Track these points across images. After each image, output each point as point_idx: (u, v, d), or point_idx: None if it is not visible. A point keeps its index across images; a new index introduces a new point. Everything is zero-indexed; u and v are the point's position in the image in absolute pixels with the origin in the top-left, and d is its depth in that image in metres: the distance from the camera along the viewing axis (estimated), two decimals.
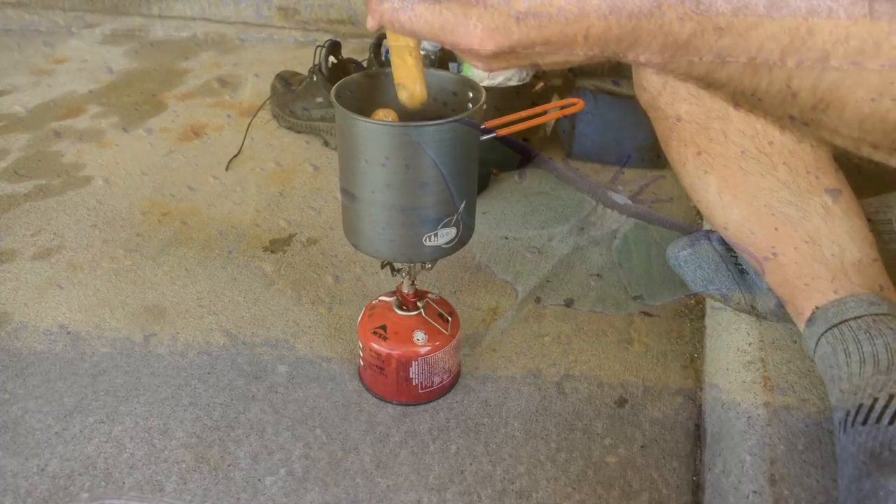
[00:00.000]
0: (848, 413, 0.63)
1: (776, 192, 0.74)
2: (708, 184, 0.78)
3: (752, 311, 0.84)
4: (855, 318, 0.67)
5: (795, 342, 0.80)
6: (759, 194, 0.75)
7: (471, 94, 0.81)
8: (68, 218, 1.33)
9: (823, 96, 0.40)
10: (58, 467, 0.85)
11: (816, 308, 0.71)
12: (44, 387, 0.96)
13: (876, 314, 0.67)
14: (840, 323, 0.68)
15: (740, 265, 0.83)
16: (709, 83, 0.41)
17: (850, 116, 0.39)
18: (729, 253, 0.85)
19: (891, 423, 0.59)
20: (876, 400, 0.61)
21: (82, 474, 0.84)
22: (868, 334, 0.66)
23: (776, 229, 0.73)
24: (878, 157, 0.41)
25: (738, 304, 0.84)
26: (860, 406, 0.62)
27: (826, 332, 0.69)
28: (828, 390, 0.69)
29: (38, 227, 1.30)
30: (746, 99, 0.42)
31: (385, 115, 0.78)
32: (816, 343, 0.70)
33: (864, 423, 0.61)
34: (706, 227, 1.19)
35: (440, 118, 0.73)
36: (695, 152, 0.79)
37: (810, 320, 0.71)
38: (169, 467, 0.85)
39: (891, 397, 0.61)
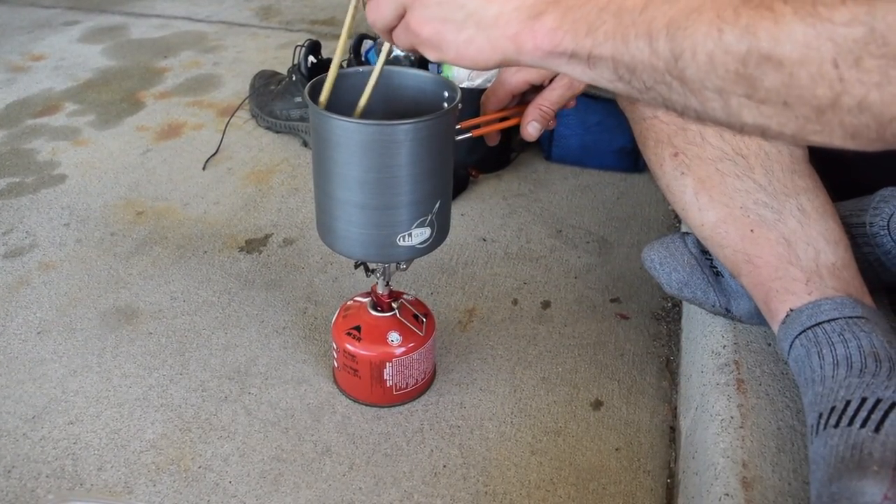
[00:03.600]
0: (821, 415, 0.63)
1: (752, 194, 0.74)
2: (684, 185, 0.78)
3: (727, 314, 0.84)
4: (829, 321, 0.67)
5: (769, 345, 0.80)
6: (735, 196, 0.74)
7: (446, 94, 0.81)
8: (41, 216, 1.31)
9: (675, 42, 0.42)
10: (24, 469, 0.84)
11: (791, 310, 0.71)
12: (12, 387, 0.95)
13: (850, 317, 0.67)
14: (814, 325, 0.68)
15: (715, 268, 0.83)
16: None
17: (702, 59, 0.41)
18: (704, 256, 0.84)
19: (862, 426, 0.59)
20: (848, 403, 0.61)
21: (49, 476, 0.83)
22: (842, 337, 0.66)
23: (752, 231, 0.73)
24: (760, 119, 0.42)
25: (713, 307, 0.84)
26: (833, 408, 0.62)
27: (800, 334, 0.69)
28: (801, 392, 0.69)
29: (10, 225, 1.28)
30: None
31: None
32: (790, 345, 0.70)
33: (836, 425, 0.61)
34: (684, 229, 1.19)
35: (415, 117, 0.72)
36: (672, 153, 0.79)
37: (784, 322, 0.71)
38: (138, 469, 0.84)
39: (863, 400, 0.61)
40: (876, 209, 0.77)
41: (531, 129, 0.80)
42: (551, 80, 0.82)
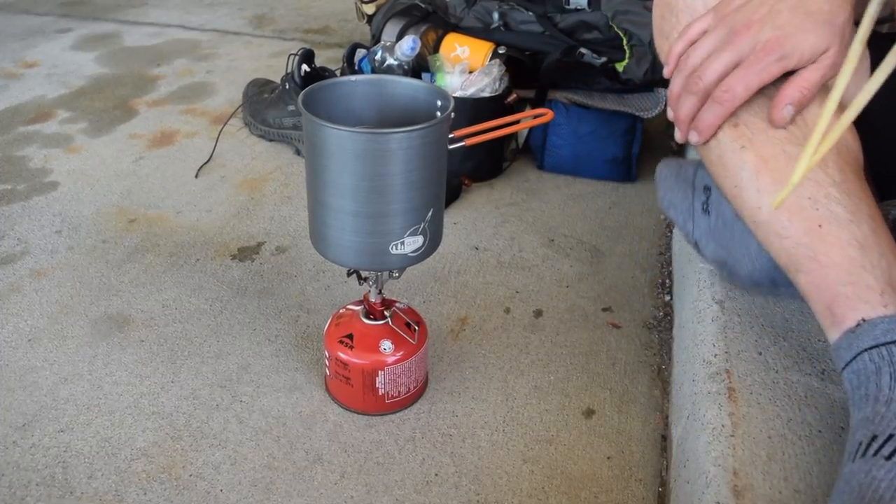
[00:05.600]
0: (874, 438, 0.57)
1: (824, 188, 0.66)
2: (743, 160, 0.70)
3: (696, 248, 0.84)
4: None
5: (760, 354, 0.81)
6: (805, 184, 0.67)
7: (440, 103, 0.81)
8: (33, 224, 1.31)
9: None
10: (14, 477, 0.83)
11: (863, 320, 0.64)
12: (2, 395, 0.94)
13: None
14: (890, 342, 0.62)
15: (707, 206, 0.80)
16: None
17: None
18: (704, 191, 0.81)
19: None
20: None
21: (39, 484, 0.83)
22: None
23: (820, 226, 0.66)
24: None
25: (687, 237, 0.83)
26: (890, 437, 0.57)
27: (871, 348, 0.62)
28: (852, 406, 0.63)
29: (2, 232, 1.28)
30: None
31: None
32: (855, 357, 0.64)
33: (889, 457, 0.55)
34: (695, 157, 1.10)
35: (408, 126, 0.72)
36: (731, 123, 0.71)
37: (853, 332, 0.64)
38: (129, 477, 0.84)
39: None
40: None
41: (786, 112, 0.69)
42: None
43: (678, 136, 0.75)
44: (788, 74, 0.69)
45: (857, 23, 0.59)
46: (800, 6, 0.66)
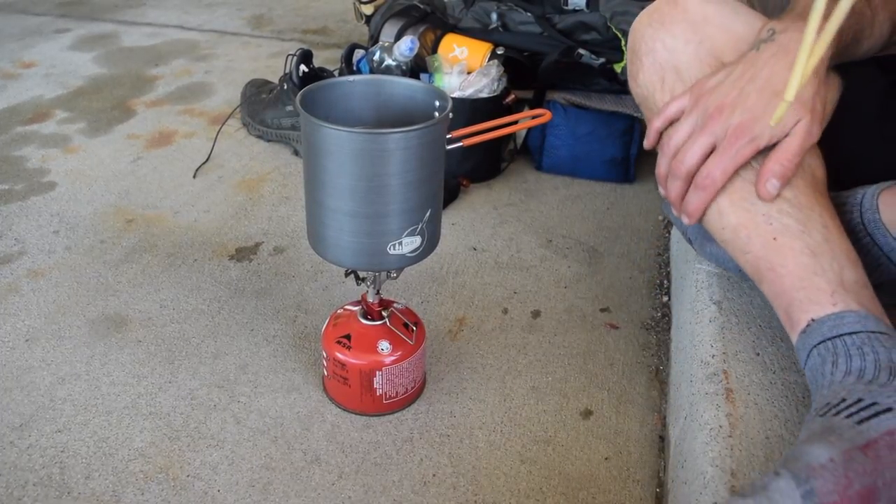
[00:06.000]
0: (816, 411, 0.63)
1: (776, 204, 0.72)
2: None
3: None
4: (851, 334, 0.66)
5: (758, 354, 0.81)
6: (757, 203, 0.73)
7: (438, 104, 0.81)
8: (30, 224, 1.30)
9: None
10: (11, 477, 0.83)
11: (812, 320, 0.69)
12: (0, 395, 0.95)
13: (872, 331, 0.66)
14: (835, 337, 0.67)
15: None
16: None
17: None
18: None
19: (847, 417, 0.59)
20: (843, 400, 0.61)
21: (36, 484, 0.83)
22: (861, 350, 0.65)
23: (775, 239, 0.72)
24: None
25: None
26: (827, 404, 0.62)
27: (819, 344, 0.67)
28: (812, 399, 0.67)
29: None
30: None
31: None
32: (808, 355, 0.69)
33: (823, 415, 0.61)
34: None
35: (406, 126, 0.72)
36: None
37: (805, 332, 0.69)
38: (126, 477, 0.84)
39: (859, 400, 0.60)
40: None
41: (770, 187, 0.72)
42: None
43: (675, 212, 0.80)
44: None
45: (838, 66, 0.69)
46: (767, 87, 0.70)
